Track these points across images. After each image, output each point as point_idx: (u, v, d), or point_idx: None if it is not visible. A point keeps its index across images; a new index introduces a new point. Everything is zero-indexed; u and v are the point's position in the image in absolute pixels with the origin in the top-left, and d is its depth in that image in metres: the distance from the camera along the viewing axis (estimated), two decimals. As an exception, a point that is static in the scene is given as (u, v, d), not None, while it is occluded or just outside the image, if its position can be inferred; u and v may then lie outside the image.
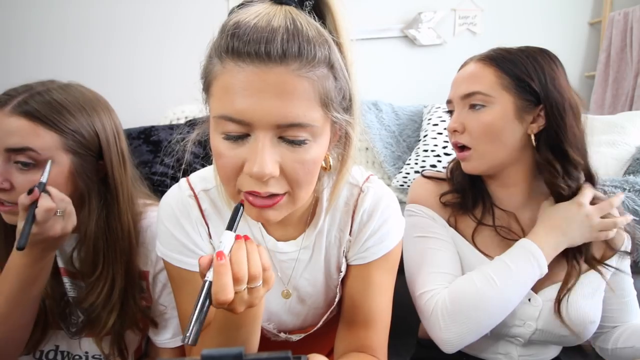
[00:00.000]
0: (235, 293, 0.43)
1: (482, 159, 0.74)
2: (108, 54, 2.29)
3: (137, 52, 2.31)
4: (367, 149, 2.02)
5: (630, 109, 2.25)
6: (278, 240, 0.64)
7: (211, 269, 0.43)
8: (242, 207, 0.49)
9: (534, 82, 0.71)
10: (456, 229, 0.80)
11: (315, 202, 0.64)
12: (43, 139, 0.61)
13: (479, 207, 0.79)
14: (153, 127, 1.87)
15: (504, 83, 0.72)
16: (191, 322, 0.40)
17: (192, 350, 0.61)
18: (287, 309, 0.69)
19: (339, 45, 0.50)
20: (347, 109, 0.52)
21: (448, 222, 0.80)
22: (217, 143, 0.48)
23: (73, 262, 0.70)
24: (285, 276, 0.66)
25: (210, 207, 0.63)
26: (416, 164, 1.76)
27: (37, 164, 0.62)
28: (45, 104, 0.62)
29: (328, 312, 0.70)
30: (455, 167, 0.83)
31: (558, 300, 0.73)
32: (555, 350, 0.82)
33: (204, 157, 0.67)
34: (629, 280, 0.81)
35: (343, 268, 0.66)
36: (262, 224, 0.63)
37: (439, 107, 1.95)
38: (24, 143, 0.60)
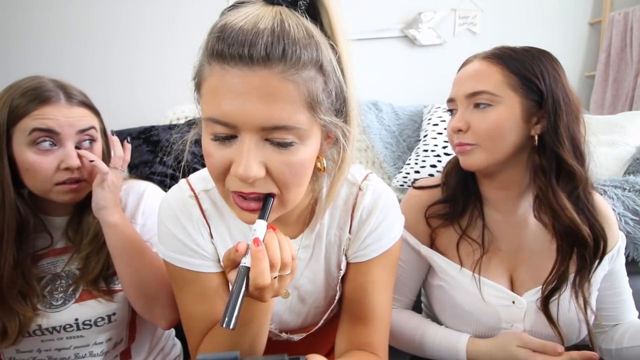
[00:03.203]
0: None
1: (484, 154, 0.73)
2: (108, 54, 2.29)
3: (137, 52, 2.31)
4: (367, 149, 2.02)
5: (630, 109, 2.25)
6: None
7: (247, 255, 0.44)
8: (273, 197, 0.49)
9: (541, 82, 0.70)
10: (435, 244, 0.82)
11: (315, 201, 0.64)
12: (97, 120, 0.79)
13: (467, 215, 0.79)
14: (153, 127, 1.87)
15: (510, 82, 0.71)
16: (228, 307, 0.41)
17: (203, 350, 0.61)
18: (288, 309, 0.69)
19: (333, 45, 0.49)
20: (340, 110, 0.51)
21: (429, 238, 0.82)
22: (207, 143, 0.49)
23: (68, 233, 0.79)
24: None
25: (211, 207, 0.63)
26: (416, 164, 1.76)
27: (95, 140, 0.77)
28: (82, 93, 0.78)
29: (329, 311, 0.71)
30: (451, 170, 0.82)
31: (542, 301, 0.73)
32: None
33: (203, 156, 0.69)
34: (624, 278, 0.81)
35: (343, 266, 0.67)
36: None
37: (439, 107, 1.95)
38: (91, 123, 0.76)
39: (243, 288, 0.43)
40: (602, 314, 0.80)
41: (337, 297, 0.70)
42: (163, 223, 0.63)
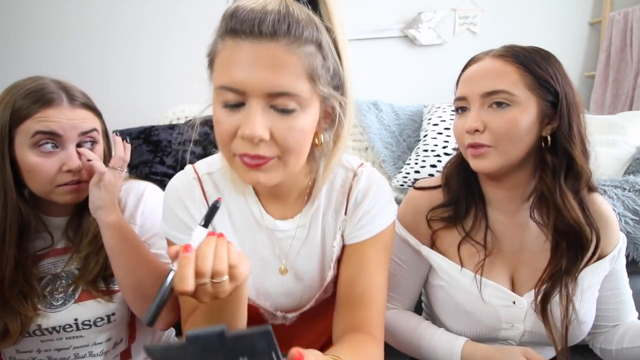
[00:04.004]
0: (201, 285, 0.46)
1: (500, 157, 0.71)
2: (108, 54, 2.29)
3: (137, 52, 2.31)
4: (367, 149, 2.02)
5: (630, 109, 2.25)
6: (276, 219, 0.68)
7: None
8: (218, 204, 0.51)
9: (555, 83, 0.69)
10: (435, 244, 0.82)
11: (313, 183, 0.68)
12: (99, 122, 0.78)
13: (470, 216, 0.79)
14: (153, 127, 1.87)
15: (527, 82, 0.69)
16: (151, 305, 0.44)
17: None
18: (283, 287, 0.71)
19: (330, 30, 0.55)
20: (338, 87, 0.57)
21: (430, 239, 0.82)
22: (217, 111, 0.54)
23: (68, 234, 0.79)
24: (283, 253, 0.70)
25: (212, 188, 0.68)
26: (416, 164, 1.76)
27: (97, 142, 0.77)
28: (84, 95, 0.77)
29: (322, 289, 0.73)
30: (452, 171, 0.81)
31: (541, 301, 0.73)
32: (553, 351, 0.82)
33: (203, 156, 0.71)
34: (624, 279, 0.81)
35: (337, 244, 0.70)
36: (261, 204, 0.69)
37: (439, 107, 1.95)
38: (93, 125, 0.76)
39: (166, 288, 0.45)
40: (603, 314, 0.80)
41: (331, 276, 0.71)
42: (167, 204, 0.68)
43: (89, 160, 0.72)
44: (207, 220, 0.50)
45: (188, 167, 0.70)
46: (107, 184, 0.72)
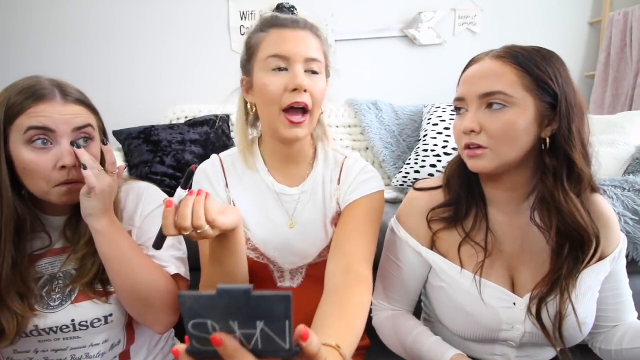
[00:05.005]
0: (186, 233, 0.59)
1: (495, 158, 0.71)
2: (108, 54, 2.29)
3: (137, 52, 2.31)
4: (367, 148, 2.02)
5: (630, 108, 2.25)
6: (284, 186, 0.87)
7: None
8: (192, 172, 0.64)
9: (555, 84, 0.69)
10: (436, 245, 0.82)
11: (314, 155, 0.89)
12: (94, 119, 0.78)
13: (471, 217, 0.78)
14: (153, 127, 1.87)
15: (525, 83, 0.69)
16: (156, 235, 0.63)
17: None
18: (291, 240, 0.85)
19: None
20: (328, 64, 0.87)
21: (430, 240, 0.82)
22: (266, 77, 0.77)
23: (66, 234, 0.79)
24: (290, 212, 0.87)
25: (231, 166, 0.88)
26: (416, 163, 1.76)
27: (92, 139, 0.76)
28: (79, 92, 0.77)
29: (325, 244, 0.86)
30: (454, 172, 0.81)
31: (530, 304, 0.73)
32: (553, 352, 0.82)
33: (203, 156, 0.72)
34: (625, 280, 0.81)
35: (333, 205, 0.86)
36: (272, 176, 0.87)
37: (439, 107, 1.95)
38: (87, 121, 0.75)
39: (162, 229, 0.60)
40: (603, 315, 0.80)
41: (331, 232, 0.85)
42: (198, 182, 0.86)
43: (84, 168, 0.70)
44: (185, 184, 0.64)
45: (213, 155, 0.90)
46: (99, 193, 0.70)
